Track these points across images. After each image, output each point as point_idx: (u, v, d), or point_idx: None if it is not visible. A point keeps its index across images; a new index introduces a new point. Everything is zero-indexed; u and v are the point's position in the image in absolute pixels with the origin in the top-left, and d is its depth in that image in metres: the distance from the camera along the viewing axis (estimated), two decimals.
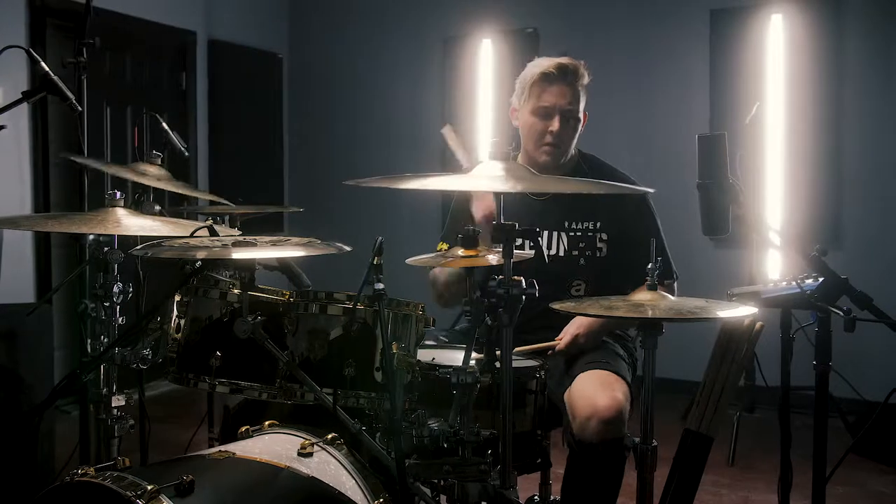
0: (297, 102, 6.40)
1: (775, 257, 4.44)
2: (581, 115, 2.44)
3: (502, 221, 1.50)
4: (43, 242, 4.69)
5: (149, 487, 1.54)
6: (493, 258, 1.68)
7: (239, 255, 1.55)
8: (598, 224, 2.44)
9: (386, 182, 1.51)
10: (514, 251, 1.56)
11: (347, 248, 1.63)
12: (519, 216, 2.49)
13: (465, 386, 1.51)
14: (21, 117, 4.46)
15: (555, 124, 2.37)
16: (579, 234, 2.44)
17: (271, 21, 6.31)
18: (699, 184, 1.81)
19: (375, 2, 6.13)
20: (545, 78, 2.38)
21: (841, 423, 3.98)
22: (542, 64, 2.41)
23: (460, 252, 1.66)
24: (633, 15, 5.26)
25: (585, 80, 2.43)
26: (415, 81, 5.96)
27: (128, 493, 1.53)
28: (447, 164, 5.98)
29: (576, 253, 2.43)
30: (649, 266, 1.79)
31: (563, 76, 2.37)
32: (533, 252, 1.64)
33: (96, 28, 2.83)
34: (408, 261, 1.81)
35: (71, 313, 4.36)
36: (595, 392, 2.08)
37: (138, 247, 1.59)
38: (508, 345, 1.53)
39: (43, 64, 1.92)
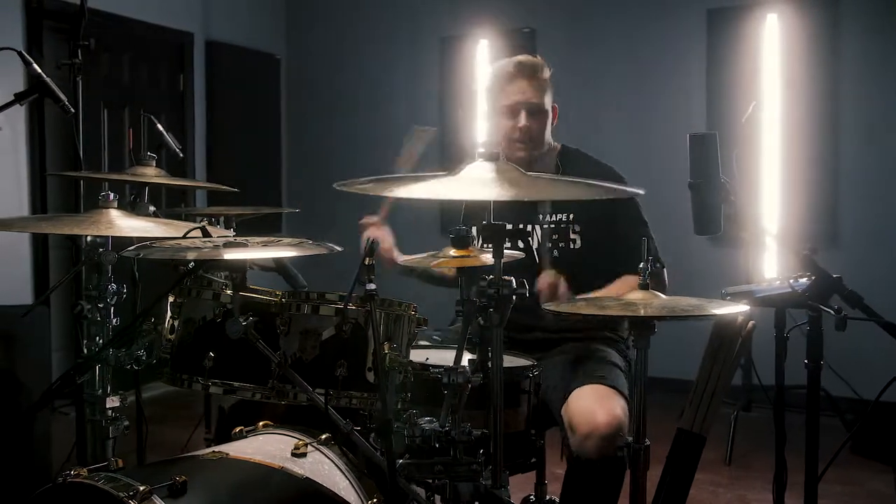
0: (294, 103, 6.40)
1: (771, 256, 4.44)
2: (549, 108, 2.45)
3: (492, 221, 1.50)
4: (41, 244, 4.70)
5: (141, 488, 1.55)
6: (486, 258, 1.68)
7: (230, 255, 1.56)
8: (571, 216, 2.43)
9: (375, 189, 1.51)
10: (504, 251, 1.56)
11: (339, 249, 1.64)
12: (495, 210, 2.51)
13: (456, 386, 1.51)
14: (18, 120, 4.46)
15: (521, 120, 2.40)
16: (553, 225, 2.43)
17: (268, 22, 6.31)
18: (690, 183, 1.81)
19: (372, 2, 6.13)
20: (505, 77, 2.43)
21: (839, 423, 3.97)
22: (502, 64, 2.47)
23: (452, 252, 1.66)
24: (630, 14, 5.26)
25: (546, 73, 2.45)
26: (412, 82, 5.96)
27: (120, 493, 1.54)
28: (444, 162, 5.99)
29: (549, 245, 2.42)
30: (640, 265, 1.78)
31: (522, 72, 2.41)
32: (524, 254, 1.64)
33: (93, 30, 2.83)
34: (398, 260, 1.81)
35: (69, 315, 4.38)
36: (594, 408, 2.06)
37: (130, 248, 1.59)
38: (499, 344, 1.53)
39: (35, 66, 1.92)
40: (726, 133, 4.70)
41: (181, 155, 2.75)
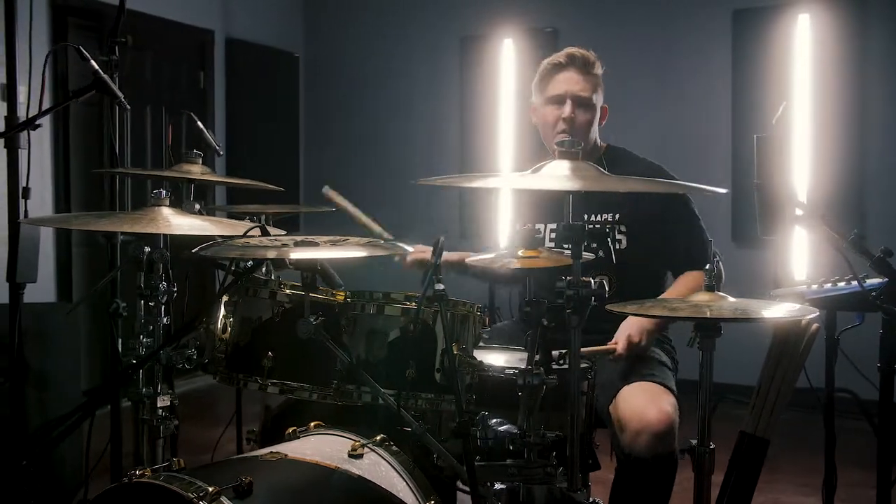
0: (313, 101, 6.38)
1: (800, 258, 4.42)
2: (597, 105, 2.42)
3: (571, 222, 1.48)
4: (64, 241, 4.68)
5: (210, 489, 1.54)
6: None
7: (300, 255, 1.54)
8: (617, 216, 2.41)
9: (458, 181, 1.49)
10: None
11: (410, 249, 1.62)
12: (538, 209, 2.49)
13: (532, 388, 1.49)
14: (43, 118, 4.43)
15: (566, 110, 2.37)
16: (598, 226, 2.41)
17: (287, 20, 6.31)
18: (756, 184, 1.80)
19: (391, 0, 6.11)
20: (555, 67, 2.41)
21: (868, 426, 3.94)
22: (554, 55, 2.45)
23: (520, 252, 1.64)
24: (655, 15, 5.24)
25: (598, 69, 2.43)
26: (432, 80, 5.94)
27: (190, 494, 1.52)
28: (465, 164, 5.98)
29: (595, 245, 2.41)
30: (707, 267, 1.76)
31: (572, 63, 2.40)
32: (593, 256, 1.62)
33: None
34: (467, 260, 1.79)
35: (91, 313, 4.37)
36: (644, 405, 2.05)
37: (200, 246, 1.57)
38: (577, 347, 1.51)
39: (93, 62, 1.91)
40: (752, 133, 4.68)
41: (220, 153, 2.74)
